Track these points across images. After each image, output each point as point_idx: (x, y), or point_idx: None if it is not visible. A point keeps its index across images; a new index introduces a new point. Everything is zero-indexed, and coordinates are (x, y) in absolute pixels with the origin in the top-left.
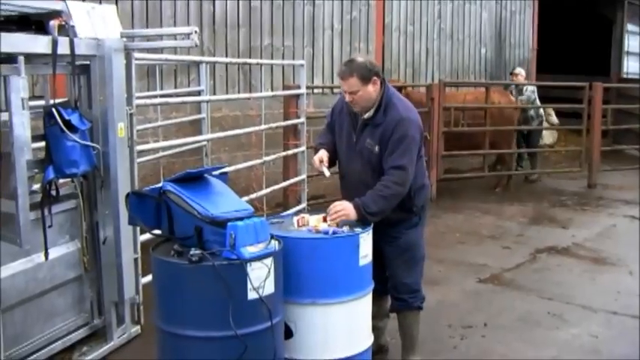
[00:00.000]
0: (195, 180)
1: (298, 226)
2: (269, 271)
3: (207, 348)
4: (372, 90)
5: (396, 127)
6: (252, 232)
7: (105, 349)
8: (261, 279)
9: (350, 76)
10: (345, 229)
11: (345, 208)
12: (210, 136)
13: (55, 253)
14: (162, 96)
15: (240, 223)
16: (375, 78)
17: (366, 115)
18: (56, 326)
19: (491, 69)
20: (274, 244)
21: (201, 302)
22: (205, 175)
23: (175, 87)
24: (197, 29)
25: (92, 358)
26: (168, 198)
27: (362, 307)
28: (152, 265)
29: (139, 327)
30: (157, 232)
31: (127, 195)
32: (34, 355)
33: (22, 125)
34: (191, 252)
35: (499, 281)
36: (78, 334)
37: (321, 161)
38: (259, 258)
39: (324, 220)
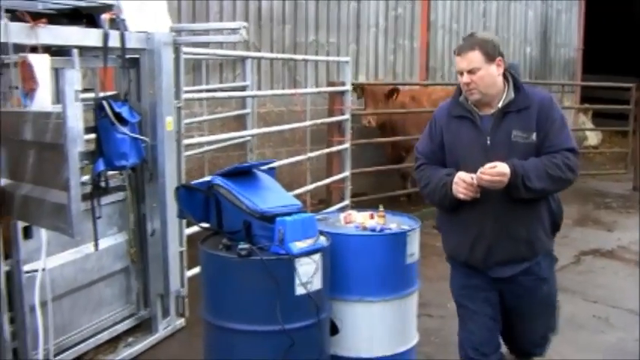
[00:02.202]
0: (244, 174)
1: (345, 222)
2: (317, 267)
3: (254, 342)
4: (495, 72)
5: (552, 104)
6: (300, 228)
7: (150, 340)
8: (308, 275)
9: (471, 50)
10: (393, 226)
11: (503, 173)
12: (255, 131)
13: (103, 244)
14: (207, 91)
15: (288, 218)
16: (499, 58)
17: (502, 103)
18: (103, 316)
19: (536, 68)
20: (322, 240)
21: (249, 296)
22: (254, 169)
23: (221, 82)
24: (246, 24)
25: (137, 349)
26: (218, 192)
27: (408, 305)
28: (200, 259)
29: (183, 319)
30: (205, 225)
31: (177, 188)
32: (82, 345)
33: (75, 117)
34: (240, 246)
35: None
36: (124, 324)
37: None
38: (308, 254)
39: (371, 217)
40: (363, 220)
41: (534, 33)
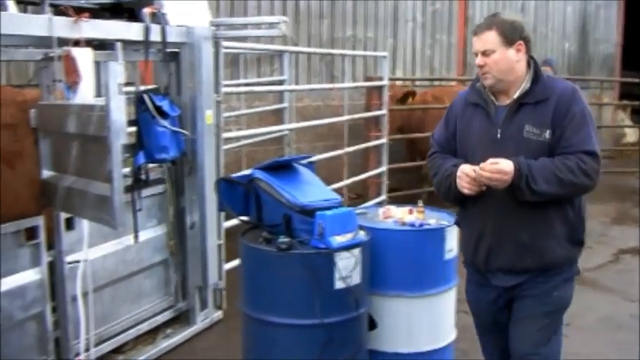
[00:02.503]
0: (284, 168)
1: (384, 217)
2: (356, 262)
3: (293, 335)
4: (514, 57)
5: (573, 98)
6: (340, 222)
7: (188, 332)
8: (348, 269)
9: (487, 30)
10: (432, 222)
11: (504, 171)
12: (293, 125)
13: (143, 236)
14: (246, 85)
15: (328, 212)
16: (520, 42)
17: (518, 94)
18: (142, 308)
19: (575, 64)
20: (362, 235)
21: (288, 290)
22: (294, 163)
23: (258, 76)
24: (285, 19)
25: (176, 340)
26: (258, 185)
27: (446, 301)
28: (240, 252)
29: (221, 312)
30: (245, 218)
31: (217, 181)
32: (121, 335)
33: (119, 110)
34: (280, 239)
35: (581, 281)
36: (163, 316)
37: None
38: (347, 248)
39: (410, 212)
40: (401, 215)
41: (573, 28)
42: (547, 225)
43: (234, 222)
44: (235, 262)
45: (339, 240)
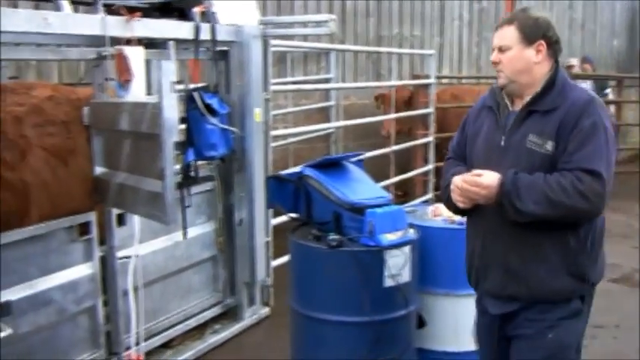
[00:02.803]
0: (333, 166)
1: (433, 215)
2: (406, 260)
3: (342, 332)
4: (532, 58)
5: (586, 109)
6: (390, 220)
7: (236, 328)
8: (398, 267)
9: (507, 25)
10: None
11: (482, 185)
12: (340, 123)
13: (192, 232)
14: (293, 83)
15: (378, 210)
16: (541, 42)
17: (528, 98)
18: (191, 303)
19: (624, 61)
20: (412, 233)
21: (338, 287)
22: (343, 161)
23: (305, 74)
24: (334, 17)
25: (223, 336)
26: (308, 183)
27: None
28: (290, 248)
29: (268, 309)
30: (295, 215)
31: (267, 179)
32: (171, 330)
33: (171, 107)
34: (330, 237)
35: (631, 282)
36: (211, 312)
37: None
38: (397, 246)
39: None
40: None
41: (622, 25)
42: (539, 251)
43: (282, 219)
44: (283, 259)
45: (389, 238)
